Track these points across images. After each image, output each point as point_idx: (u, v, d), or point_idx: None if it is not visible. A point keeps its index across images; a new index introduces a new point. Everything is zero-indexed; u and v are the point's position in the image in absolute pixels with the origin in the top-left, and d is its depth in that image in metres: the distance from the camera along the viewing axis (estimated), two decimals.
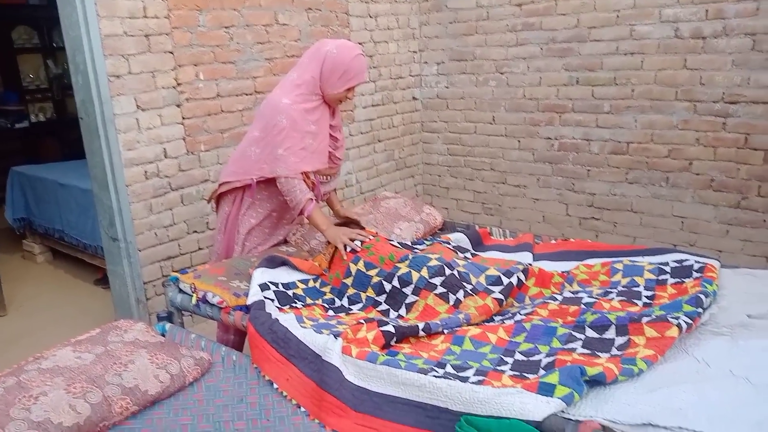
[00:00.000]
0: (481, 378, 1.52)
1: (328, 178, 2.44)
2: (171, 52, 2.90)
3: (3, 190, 4.55)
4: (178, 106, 2.97)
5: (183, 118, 3.00)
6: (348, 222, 2.46)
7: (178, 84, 2.96)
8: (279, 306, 1.99)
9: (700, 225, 3.51)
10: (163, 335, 1.99)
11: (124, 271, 2.90)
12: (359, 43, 3.89)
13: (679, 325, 1.61)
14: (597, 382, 1.44)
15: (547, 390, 1.37)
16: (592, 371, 1.42)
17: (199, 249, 3.17)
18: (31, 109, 6.07)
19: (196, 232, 3.15)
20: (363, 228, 2.43)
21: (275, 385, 1.69)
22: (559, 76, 3.83)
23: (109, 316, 3.22)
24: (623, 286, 2.02)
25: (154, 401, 1.64)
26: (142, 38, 2.77)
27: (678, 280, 1.99)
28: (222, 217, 2.43)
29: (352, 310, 2.08)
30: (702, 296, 1.76)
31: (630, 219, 3.76)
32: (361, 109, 4.03)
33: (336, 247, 2.21)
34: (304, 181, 2.26)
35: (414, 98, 4.47)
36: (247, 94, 3.27)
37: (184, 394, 1.70)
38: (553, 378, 1.40)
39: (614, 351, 1.61)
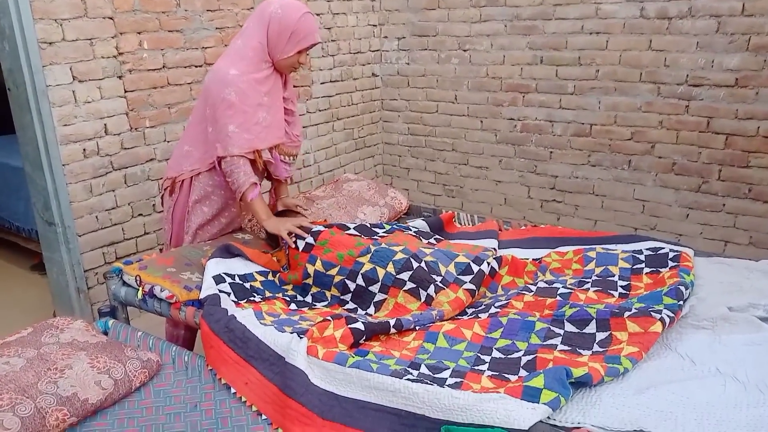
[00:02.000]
0: (458, 380, 1.41)
1: (291, 158, 2.25)
2: (111, 18, 2.64)
3: None
4: (119, 77, 2.72)
5: (125, 91, 2.75)
6: (288, 212, 2.29)
7: (120, 53, 2.70)
8: (236, 300, 1.83)
9: (661, 208, 3.50)
10: (106, 333, 1.80)
11: (62, 258, 2.66)
12: (316, 14, 3.69)
13: (662, 320, 1.54)
14: (582, 383, 1.35)
15: (532, 395, 1.27)
16: (577, 372, 1.34)
17: (146, 234, 2.95)
18: None
19: (141, 215, 2.93)
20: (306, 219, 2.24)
21: (233, 390, 1.54)
22: (523, 54, 3.73)
23: (47, 307, 2.97)
24: (597, 275, 1.95)
25: (95, 410, 1.47)
26: (77, 1, 2.50)
27: (653, 269, 1.93)
28: (169, 203, 2.23)
29: (316, 306, 1.93)
30: (681, 288, 1.70)
31: (591, 202, 3.73)
32: (319, 85, 3.84)
33: (286, 250, 2.05)
34: (255, 161, 2.08)
35: (374, 74, 4.30)
36: (196, 66, 3.03)
37: (131, 401, 1.53)
38: (538, 381, 1.30)
39: (596, 347, 1.54)
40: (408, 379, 1.37)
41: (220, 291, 1.82)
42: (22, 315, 3.10)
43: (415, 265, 1.89)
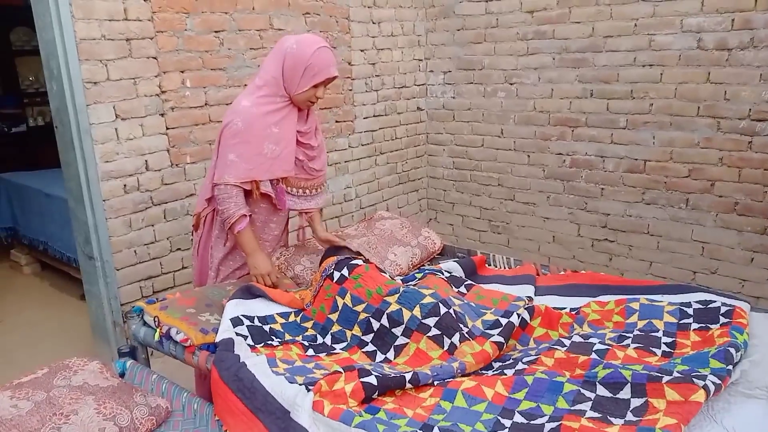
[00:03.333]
0: None
1: (309, 191, 2.22)
2: (155, 58, 2.71)
3: None
4: (161, 115, 2.78)
5: (167, 128, 2.81)
6: (332, 247, 2.25)
7: (162, 92, 2.76)
8: (252, 344, 1.78)
9: (723, 251, 3.25)
10: (123, 375, 1.78)
11: (100, 292, 2.71)
12: (360, 51, 3.71)
13: (705, 387, 1.37)
14: None
15: None
16: None
17: (183, 268, 2.98)
18: (29, 113, 5.92)
19: (180, 249, 2.95)
20: (354, 253, 2.22)
21: None
22: (572, 87, 3.60)
23: (89, 337, 3.03)
24: (640, 330, 1.79)
25: None
26: (122, 42, 2.59)
27: (702, 325, 1.75)
28: (195, 239, 2.24)
29: (335, 349, 1.86)
30: (732, 350, 1.52)
31: (646, 242, 3.51)
32: (361, 120, 3.82)
33: (323, 278, 2.00)
34: (254, 191, 2.05)
35: (419, 108, 4.26)
36: None
37: None
38: None
39: (629, 416, 1.38)
40: None
41: (237, 334, 1.78)
42: (67, 343, 3.19)
43: (443, 310, 1.80)
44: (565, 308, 2.00)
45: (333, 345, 1.88)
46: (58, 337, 3.29)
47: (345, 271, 1.98)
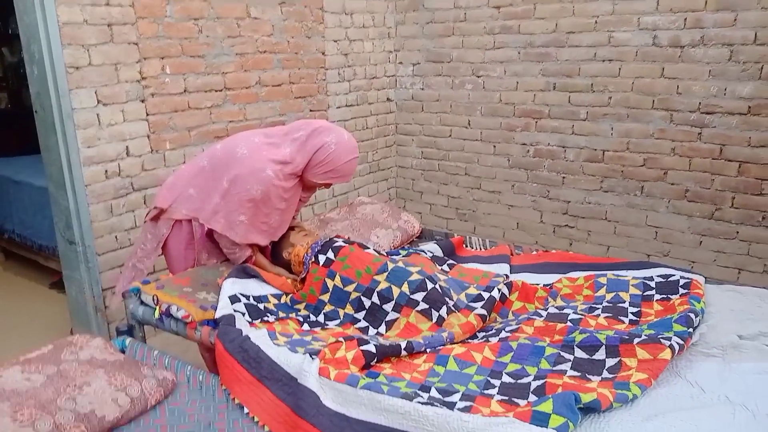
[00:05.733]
0: (468, 404, 1.43)
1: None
2: (136, 44, 2.73)
3: None
4: (142, 101, 2.80)
5: (147, 114, 2.83)
6: (295, 228, 2.37)
7: (143, 78, 2.78)
8: (250, 320, 1.86)
9: (674, 235, 3.50)
10: (123, 351, 1.84)
11: (82, 277, 2.71)
12: (334, 41, 3.79)
13: (671, 347, 1.55)
14: (591, 409, 1.36)
15: (541, 420, 1.29)
16: (586, 398, 1.35)
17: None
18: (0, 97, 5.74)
19: None
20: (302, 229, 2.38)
21: (246, 410, 1.57)
22: (536, 81, 3.78)
23: (65, 325, 3.03)
24: (608, 302, 1.97)
25: (111, 428, 1.50)
26: (104, 27, 2.60)
27: (664, 296, 1.94)
28: (156, 237, 2.21)
29: (328, 325, 1.96)
30: (692, 315, 1.71)
31: (604, 228, 3.74)
32: (335, 109, 3.91)
33: (309, 263, 2.10)
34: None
35: (389, 99, 4.37)
36: (216, 90, 3.12)
37: (146, 418, 1.56)
38: (546, 406, 1.32)
39: (605, 374, 1.55)
40: (418, 402, 1.39)
41: (235, 311, 1.86)
42: (40, 331, 3.16)
43: (429, 286, 1.93)
44: (539, 284, 2.16)
45: (326, 322, 1.98)
46: (30, 326, 3.26)
47: (330, 254, 2.07)
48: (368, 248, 2.16)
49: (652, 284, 2.01)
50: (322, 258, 2.08)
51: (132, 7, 2.68)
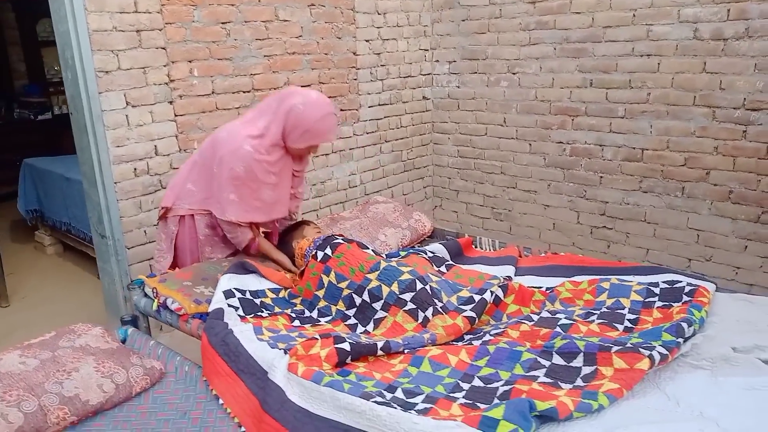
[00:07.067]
0: (428, 406, 1.42)
1: (293, 215, 2.43)
2: (163, 48, 2.86)
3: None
4: (170, 102, 2.93)
5: (175, 115, 2.96)
6: (301, 224, 2.41)
7: (171, 80, 2.91)
8: (243, 315, 1.92)
9: (717, 239, 3.30)
10: (124, 341, 1.94)
11: (112, 269, 2.88)
12: (366, 41, 3.81)
13: (651, 357, 1.47)
14: (549, 417, 1.32)
15: (489, 425, 1.26)
16: (542, 406, 1.31)
17: None
18: (54, 102, 6.17)
19: None
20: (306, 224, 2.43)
21: (221, 401, 1.63)
22: (572, 77, 3.66)
23: (102, 313, 3.22)
24: (607, 308, 1.89)
25: (95, 412, 1.59)
26: (132, 33, 2.74)
27: (665, 303, 1.84)
28: (168, 236, 2.33)
29: (320, 322, 1.99)
30: (684, 324, 1.61)
31: (643, 230, 3.57)
32: (366, 108, 3.93)
33: (308, 258, 2.13)
34: (254, 229, 2.22)
35: (424, 98, 4.35)
36: (244, 92, 3.22)
37: (130, 405, 1.65)
38: (497, 412, 1.29)
39: (578, 381, 1.49)
40: (375, 402, 1.39)
41: (229, 305, 1.92)
42: (83, 318, 3.34)
43: (419, 286, 1.92)
44: (541, 287, 2.10)
45: (319, 318, 2.02)
46: (74, 313, 3.48)
47: (328, 251, 2.10)
48: (367, 248, 2.17)
49: (656, 290, 1.91)
50: (320, 254, 2.11)
51: (160, 14, 2.81)
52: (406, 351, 1.71)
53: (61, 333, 1.80)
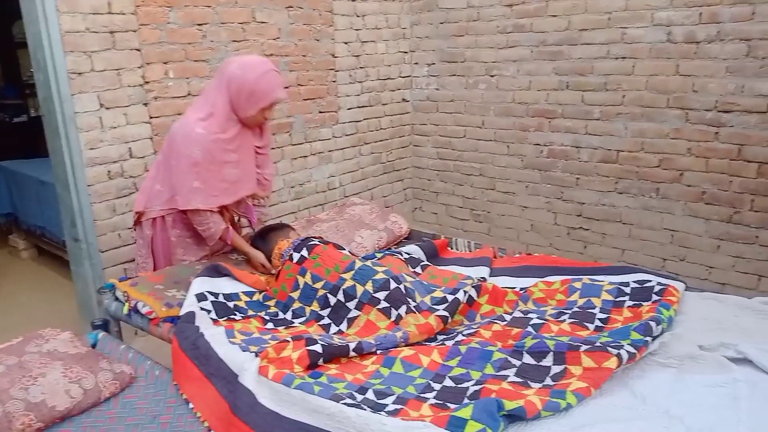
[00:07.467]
0: (398, 407, 1.42)
1: (262, 200, 2.37)
2: (138, 50, 2.83)
3: None
4: (145, 104, 2.90)
5: (150, 117, 2.94)
6: (278, 227, 2.39)
7: (146, 82, 2.89)
8: (215, 318, 1.90)
9: (691, 239, 3.35)
10: (94, 346, 1.92)
11: (86, 272, 2.84)
12: (344, 43, 3.81)
13: (619, 355, 1.48)
14: (517, 417, 1.33)
15: (457, 425, 1.26)
16: (510, 405, 1.31)
17: None
18: (30, 104, 6.08)
19: None
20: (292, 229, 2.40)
21: (191, 405, 1.61)
22: (549, 79, 3.69)
23: (77, 317, 3.17)
24: (578, 307, 1.90)
25: (63, 417, 1.57)
26: (106, 35, 2.71)
27: (636, 303, 1.86)
28: (145, 240, 2.30)
29: (293, 323, 1.99)
30: (652, 323, 1.63)
31: (619, 230, 3.61)
32: (345, 111, 3.93)
33: (284, 260, 2.13)
34: (223, 212, 2.18)
35: (404, 100, 4.36)
36: None
37: (98, 410, 1.62)
38: (465, 412, 1.29)
39: (548, 381, 1.50)
40: (344, 403, 1.39)
41: (201, 309, 1.90)
42: (57, 323, 3.31)
43: (393, 285, 1.92)
44: (514, 287, 2.11)
45: (293, 320, 2.01)
46: (50, 317, 3.42)
47: (305, 252, 2.10)
48: (343, 249, 2.17)
49: (627, 290, 1.93)
50: (296, 256, 2.11)
51: (134, 15, 2.79)
52: (378, 352, 1.70)
53: (29, 338, 1.77)
